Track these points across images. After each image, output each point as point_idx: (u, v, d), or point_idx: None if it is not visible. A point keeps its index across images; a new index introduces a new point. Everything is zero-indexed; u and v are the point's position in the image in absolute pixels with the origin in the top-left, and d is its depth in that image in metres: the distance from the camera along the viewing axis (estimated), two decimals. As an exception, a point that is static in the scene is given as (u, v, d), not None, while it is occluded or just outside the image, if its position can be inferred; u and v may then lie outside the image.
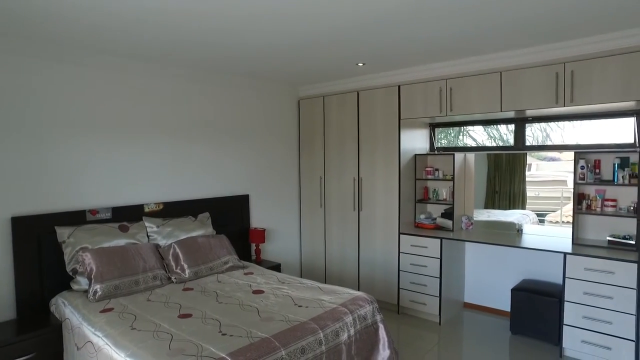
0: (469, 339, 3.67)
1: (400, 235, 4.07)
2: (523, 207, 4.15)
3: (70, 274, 2.95)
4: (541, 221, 4.12)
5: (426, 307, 3.92)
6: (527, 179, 4.11)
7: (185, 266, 3.26)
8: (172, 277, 3.19)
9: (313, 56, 3.48)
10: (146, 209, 3.55)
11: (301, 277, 4.31)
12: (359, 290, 3.76)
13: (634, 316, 2.91)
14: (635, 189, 3.08)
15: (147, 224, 3.43)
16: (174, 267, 3.26)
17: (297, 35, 2.90)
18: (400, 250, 4.07)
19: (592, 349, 3.08)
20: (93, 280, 2.82)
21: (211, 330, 2.30)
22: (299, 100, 4.90)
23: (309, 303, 2.71)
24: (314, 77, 4.36)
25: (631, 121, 3.43)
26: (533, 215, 4.12)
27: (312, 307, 2.64)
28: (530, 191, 4.12)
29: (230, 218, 4.19)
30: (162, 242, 3.41)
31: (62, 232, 3.00)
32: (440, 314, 3.86)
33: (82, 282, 2.91)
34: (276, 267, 4.15)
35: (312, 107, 4.75)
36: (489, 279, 4.15)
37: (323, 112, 4.65)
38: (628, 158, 3.24)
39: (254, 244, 4.32)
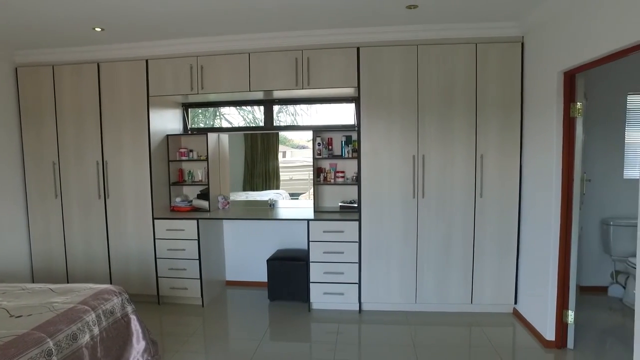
0: (232, 314, 3.76)
1: (155, 221, 3.80)
2: (277, 188, 4.52)
3: None
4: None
5: (188, 291, 3.81)
6: (281, 164, 4.53)
7: None
8: None
9: (32, 9, 2.81)
10: None
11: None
12: (109, 286, 3.33)
13: (357, 263, 3.57)
14: (356, 161, 3.72)
15: None
16: None
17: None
18: (156, 237, 3.81)
19: (331, 298, 3.62)
20: None
21: None
22: (16, 68, 3.94)
23: (34, 310, 2.22)
24: (38, 40, 3.56)
25: (352, 106, 4.13)
26: (286, 194, 4.55)
27: (38, 313, 2.17)
28: (284, 175, 4.54)
29: None
30: None
31: None
32: (202, 296, 3.81)
33: None
34: (-9, 278, 3.28)
35: (37, 78, 3.89)
36: (247, 254, 4.34)
37: (53, 85, 3.87)
38: (351, 136, 3.91)
39: (-45, 253, 3.28)
